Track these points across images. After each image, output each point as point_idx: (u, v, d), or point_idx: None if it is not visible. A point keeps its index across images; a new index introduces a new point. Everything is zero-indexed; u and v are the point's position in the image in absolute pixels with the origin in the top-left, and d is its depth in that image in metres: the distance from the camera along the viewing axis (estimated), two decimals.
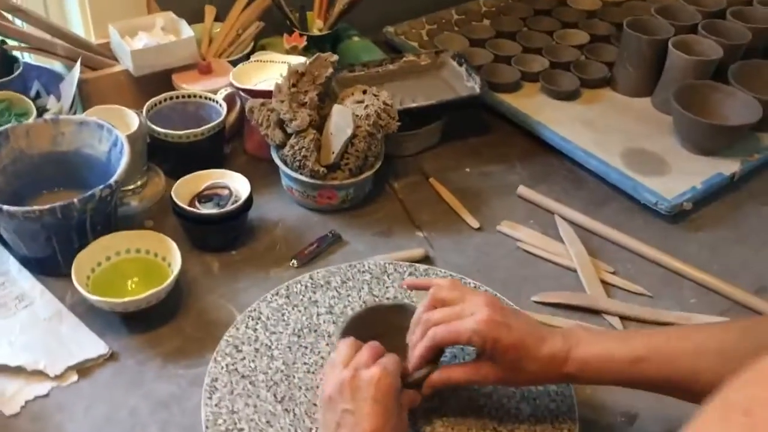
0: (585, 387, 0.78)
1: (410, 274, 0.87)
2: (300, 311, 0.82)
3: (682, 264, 0.95)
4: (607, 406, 0.78)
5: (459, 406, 0.72)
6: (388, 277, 0.87)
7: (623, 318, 0.88)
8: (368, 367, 0.62)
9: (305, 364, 0.77)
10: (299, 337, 0.80)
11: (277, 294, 0.84)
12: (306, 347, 0.78)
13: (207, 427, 0.70)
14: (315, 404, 0.72)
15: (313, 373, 0.76)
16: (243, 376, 0.75)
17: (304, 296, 0.84)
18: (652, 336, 0.64)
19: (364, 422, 0.59)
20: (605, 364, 0.63)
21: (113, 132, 0.90)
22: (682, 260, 0.95)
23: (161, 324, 0.85)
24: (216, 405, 0.72)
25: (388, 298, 0.84)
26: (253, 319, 0.81)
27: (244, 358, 0.77)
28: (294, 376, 0.75)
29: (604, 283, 0.93)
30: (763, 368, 0.34)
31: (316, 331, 0.80)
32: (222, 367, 0.76)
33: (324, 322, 0.81)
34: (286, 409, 0.72)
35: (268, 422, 0.71)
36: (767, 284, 0.94)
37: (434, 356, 0.68)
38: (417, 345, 0.67)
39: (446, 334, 0.65)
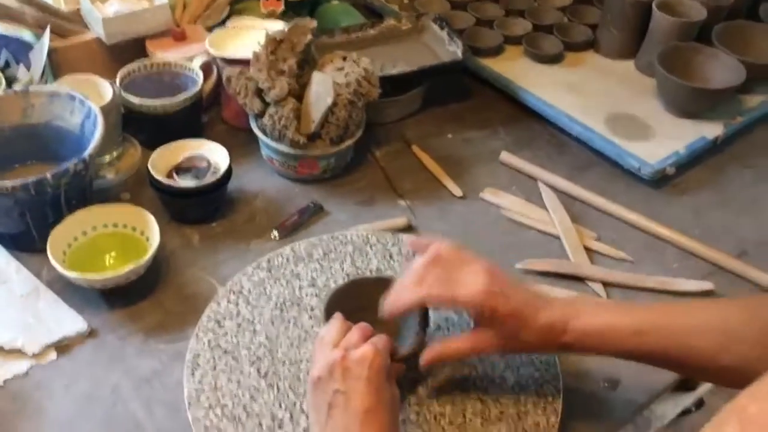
0: (569, 354, 0.78)
1: (394, 244, 0.86)
2: (282, 285, 0.81)
3: (664, 229, 0.95)
4: (590, 373, 0.78)
5: (444, 376, 0.72)
6: (370, 248, 0.86)
7: (606, 284, 0.88)
8: (358, 347, 0.61)
9: (288, 338, 0.76)
10: (282, 310, 0.79)
11: (258, 267, 0.83)
12: (289, 321, 0.78)
13: (190, 404, 0.69)
14: (299, 378, 0.72)
15: (296, 347, 0.75)
16: (225, 352, 0.75)
17: (285, 269, 0.83)
18: (653, 310, 0.64)
19: (358, 402, 0.58)
20: (605, 335, 0.63)
21: (86, 103, 0.87)
22: (665, 225, 0.95)
23: (141, 299, 0.83)
24: (198, 382, 0.72)
25: (371, 270, 0.83)
26: (234, 294, 0.80)
27: (226, 334, 0.76)
28: (277, 351, 0.75)
29: (587, 249, 0.92)
30: None
31: (299, 304, 0.79)
32: (204, 343, 0.75)
33: (307, 295, 0.81)
34: (270, 384, 0.71)
35: (252, 397, 0.70)
36: (749, 248, 0.94)
37: (420, 322, 0.68)
38: (406, 291, 0.65)
39: (442, 293, 0.63)
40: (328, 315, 0.69)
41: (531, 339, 0.64)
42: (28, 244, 0.85)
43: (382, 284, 0.73)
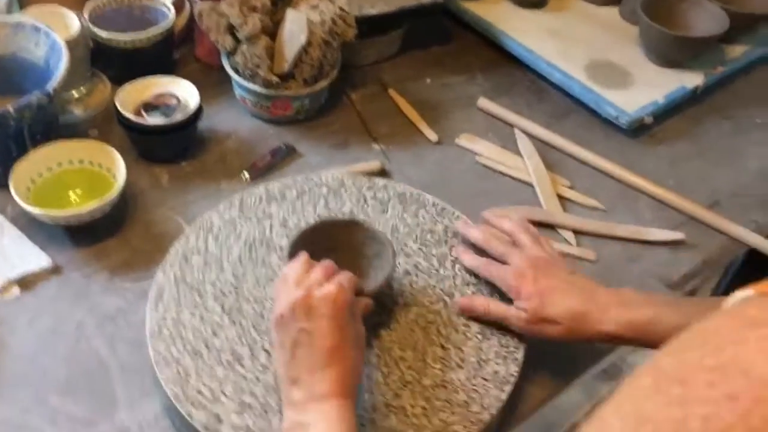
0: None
1: (369, 188, 0.84)
2: (253, 224, 0.81)
3: (638, 178, 0.94)
4: None
5: (407, 322, 0.72)
6: (345, 191, 0.84)
7: (577, 232, 0.88)
8: (321, 285, 0.61)
9: (255, 276, 0.75)
10: (251, 250, 0.78)
11: (230, 206, 0.82)
12: (257, 260, 0.77)
13: (152, 337, 0.69)
14: (262, 316, 0.72)
15: (262, 286, 0.75)
16: (191, 288, 0.74)
17: (258, 209, 0.82)
18: (701, 303, 0.65)
19: (322, 340, 0.58)
20: (653, 327, 0.63)
21: (51, 35, 0.85)
22: (640, 175, 0.95)
23: (108, 237, 0.82)
24: (162, 316, 0.71)
25: (344, 213, 0.82)
26: (204, 230, 0.79)
27: (192, 269, 0.76)
28: (243, 288, 0.74)
29: (560, 197, 0.92)
30: (701, 331, 0.31)
31: (268, 244, 0.79)
32: (170, 277, 0.75)
33: (277, 235, 0.80)
34: (233, 321, 0.71)
35: (213, 333, 0.70)
36: (722, 199, 0.94)
37: (387, 263, 0.69)
38: (469, 259, 0.74)
39: (487, 272, 0.72)
40: (292, 255, 0.68)
41: (559, 319, 0.67)
42: None
43: (351, 227, 0.73)
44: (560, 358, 0.75)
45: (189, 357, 0.68)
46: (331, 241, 0.72)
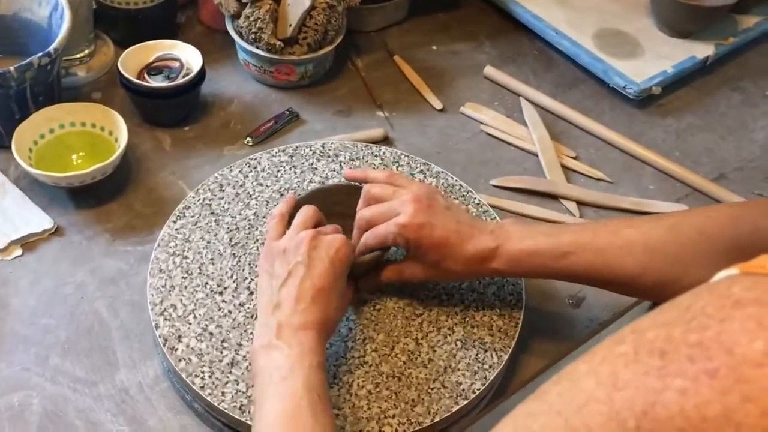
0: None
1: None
2: (296, 173, 0.80)
3: (644, 150, 0.93)
4: (555, 290, 0.78)
5: (394, 307, 0.70)
6: (398, 168, 0.82)
7: (580, 203, 0.87)
8: (328, 234, 0.63)
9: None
10: (281, 195, 0.78)
11: (283, 151, 0.82)
12: None
13: (158, 245, 0.73)
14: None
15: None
16: (212, 213, 0.76)
17: (307, 161, 0.82)
18: (581, 231, 0.64)
19: (315, 279, 0.60)
20: (533, 259, 0.63)
21: None
22: (646, 146, 0.94)
23: (110, 200, 0.83)
24: (176, 231, 0.74)
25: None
26: (249, 167, 0.80)
27: (222, 198, 0.77)
28: (257, 228, 0.75)
29: (565, 168, 0.91)
30: (687, 307, 0.31)
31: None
32: (199, 199, 0.77)
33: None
34: (234, 254, 0.73)
35: (211, 260, 0.72)
36: (727, 171, 0.93)
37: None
38: (356, 244, 0.68)
39: (374, 240, 0.65)
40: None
41: (457, 268, 0.64)
42: None
43: (353, 191, 0.72)
44: (561, 327, 0.76)
45: (180, 274, 0.71)
46: (330, 206, 0.72)
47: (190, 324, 0.67)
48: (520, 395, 0.74)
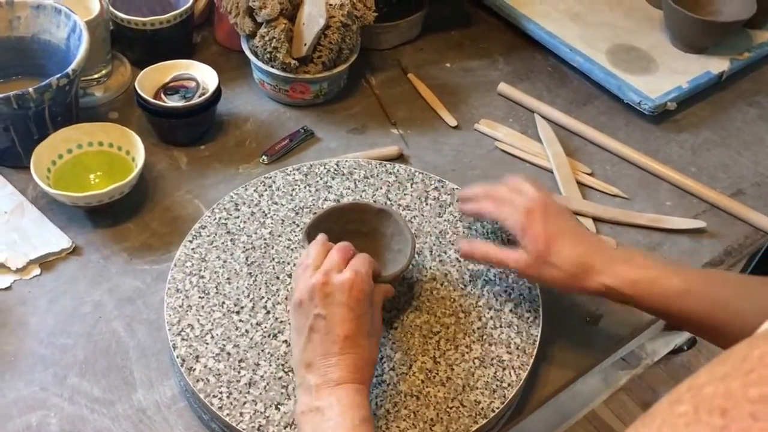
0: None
1: (434, 188, 0.82)
2: (310, 192, 0.81)
3: (660, 165, 0.93)
4: (572, 307, 0.78)
5: (411, 325, 0.70)
6: (411, 185, 0.82)
7: (596, 220, 0.87)
8: (340, 271, 0.60)
9: (290, 240, 0.76)
10: (297, 214, 0.79)
11: (298, 169, 0.83)
12: (299, 225, 0.77)
13: (175, 264, 0.73)
14: (278, 278, 0.73)
15: (292, 250, 0.75)
16: (228, 233, 0.76)
17: (321, 179, 0.82)
18: (701, 271, 0.64)
19: (338, 328, 0.58)
20: (653, 286, 0.62)
21: (71, 17, 0.85)
22: (662, 162, 0.94)
23: (127, 219, 0.83)
24: (193, 250, 0.75)
25: (399, 205, 0.80)
26: (264, 186, 0.81)
27: (238, 217, 0.78)
28: (273, 248, 0.75)
29: (580, 184, 0.91)
30: (743, 357, 0.30)
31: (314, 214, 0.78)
32: (215, 218, 0.78)
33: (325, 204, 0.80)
34: (250, 274, 0.73)
35: (228, 279, 0.73)
36: (745, 187, 0.92)
37: (406, 246, 0.68)
38: (470, 198, 0.71)
39: (494, 210, 0.68)
40: (311, 237, 0.68)
41: (562, 267, 0.64)
42: (13, 159, 0.85)
43: (359, 210, 0.72)
44: (579, 344, 0.75)
45: (197, 293, 0.71)
46: (346, 225, 0.72)
47: (207, 344, 0.67)
48: (539, 414, 0.74)
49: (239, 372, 0.65)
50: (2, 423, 0.66)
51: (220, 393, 0.64)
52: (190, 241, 0.75)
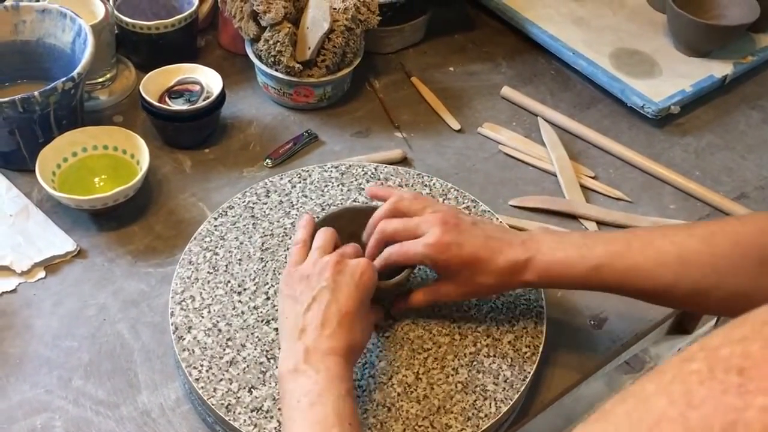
0: (556, 291, 0.78)
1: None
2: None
3: (664, 169, 0.93)
4: (576, 310, 0.78)
5: (403, 339, 0.69)
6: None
7: (600, 223, 0.87)
8: (352, 258, 0.63)
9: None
10: (323, 210, 0.79)
11: (335, 167, 0.84)
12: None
13: (195, 237, 0.76)
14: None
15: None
16: (252, 216, 0.78)
17: (357, 180, 0.82)
18: (613, 242, 0.63)
19: (341, 303, 0.59)
20: (565, 270, 0.62)
21: (77, 21, 0.85)
22: (665, 165, 0.94)
23: (131, 222, 0.83)
24: (214, 227, 0.76)
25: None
26: (299, 177, 0.82)
27: (266, 203, 0.79)
28: (290, 238, 0.76)
29: (583, 187, 0.91)
30: (764, 321, 0.30)
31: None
32: (244, 201, 0.79)
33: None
34: (262, 259, 0.74)
35: (239, 260, 0.74)
36: (749, 191, 0.92)
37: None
38: (372, 256, 0.67)
39: (398, 257, 0.65)
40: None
41: (490, 282, 0.64)
42: (19, 163, 0.85)
43: (369, 214, 0.72)
44: (582, 348, 0.75)
45: (207, 268, 0.73)
46: (351, 228, 0.72)
47: (202, 317, 0.69)
48: (542, 417, 0.74)
49: (224, 349, 0.67)
50: (7, 425, 0.66)
51: (201, 366, 0.65)
52: (215, 218, 0.77)
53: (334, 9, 0.91)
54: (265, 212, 0.78)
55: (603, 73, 1.02)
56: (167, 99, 0.90)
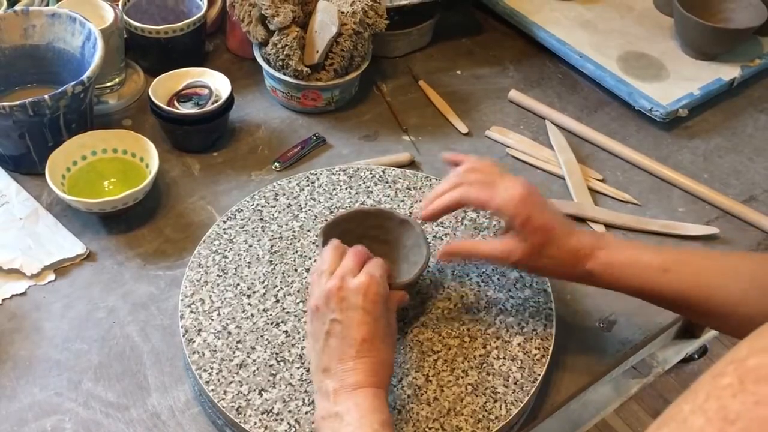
0: (565, 294, 0.78)
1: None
2: (351, 193, 0.82)
3: (672, 172, 0.93)
4: (585, 313, 0.78)
5: (413, 340, 0.69)
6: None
7: (609, 226, 0.87)
8: (355, 276, 0.60)
9: (316, 236, 0.76)
10: (331, 212, 0.79)
11: (344, 170, 0.84)
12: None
13: (205, 240, 0.76)
14: (296, 270, 0.74)
15: (317, 246, 0.74)
16: (261, 220, 0.78)
17: (365, 183, 0.82)
18: (681, 251, 0.63)
19: (354, 332, 0.58)
20: (631, 269, 0.62)
21: (86, 25, 0.86)
22: (674, 168, 0.94)
23: (140, 225, 0.84)
24: (223, 230, 0.77)
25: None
26: (308, 181, 0.82)
27: (274, 207, 0.79)
28: (299, 241, 0.76)
29: (592, 190, 0.91)
30: None
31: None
32: (253, 205, 0.79)
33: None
34: (271, 262, 0.75)
35: (248, 264, 0.74)
36: (757, 193, 0.92)
37: (421, 252, 0.67)
38: (443, 193, 0.65)
39: (480, 194, 0.63)
40: (326, 236, 0.69)
41: (558, 256, 0.63)
42: (28, 166, 0.85)
43: (379, 217, 0.73)
44: (591, 351, 0.75)
45: (216, 271, 0.73)
46: (361, 231, 0.72)
47: (212, 320, 0.69)
48: (550, 422, 0.74)
49: (234, 352, 0.67)
50: (18, 428, 0.66)
51: (211, 368, 0.66)
52: (224, 221, 0.78)
53: (342, 13, 0.92)
54: (273, 215, 0.79)
55: (610, 76, 1.02)
56: (176, 103, 0.90)
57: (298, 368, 0.66)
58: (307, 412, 0.63)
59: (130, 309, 0.76)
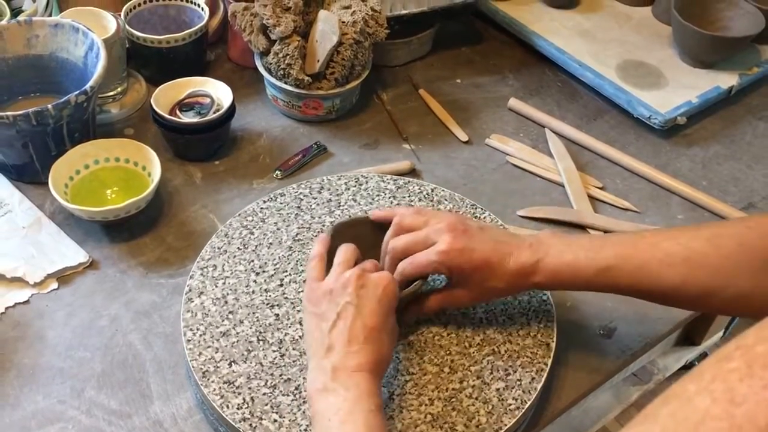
0: (566, 300, 0.79)
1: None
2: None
3: (671, 179, 0.93)
4: (586, 319, 0.78)
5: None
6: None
7: (608, 233, 0.87)
8: (373, 272, 0.64)
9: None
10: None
11: (394, 181, 0.84)
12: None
13: (216, 235, 0.78)
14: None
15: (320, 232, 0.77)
16: (299, 207, 0.80)
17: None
18: (620, 244, 0.64)
19: (366, 319, 0.60)
20: (574, 272, 0.63)
21: (89, 35, 0.86)
22: (673, 176, 0.94)
23: (143, 234, 0.84)
24: (261, 207, 0.79)
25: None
26: (356, 182, 0.83)
27: (315, 198, 0.81)
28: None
29: (591, 198, 0.91)
30: None
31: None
32: (296, 192, 0.81)
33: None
34: (291, 247, 0.76)
35: (270, 244, 0.76)
36: (756, 201, 0.93)
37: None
38: (387, 268, 0.68)
39: (413, 269, 0.65)
40: (336, 233, 0.70)
41: (501, 285, 0.65)
42: (32, 175, 0.86)
43: (378, 224, 0.73)
44: (592, 357, 0.75)
45: (237, 244, 0.76)
46: (362, 238, 0.72)
47: (216, 286, 0.72)
48: (550, 429, 0.74)
49: (223, 320, 0.70)
50: None
51: (197, 329, 0.69)
52: (265, 201, 0.80)
53: (343, 22, 0.92)
54: (311, 206, 0.81)
55: (609, 84, 1.03)
56: (178, 112, 0.90)
57: (274, 352, 0.68)
58: (264, 394, 0.65)
59: (133, 317, 0.76)
